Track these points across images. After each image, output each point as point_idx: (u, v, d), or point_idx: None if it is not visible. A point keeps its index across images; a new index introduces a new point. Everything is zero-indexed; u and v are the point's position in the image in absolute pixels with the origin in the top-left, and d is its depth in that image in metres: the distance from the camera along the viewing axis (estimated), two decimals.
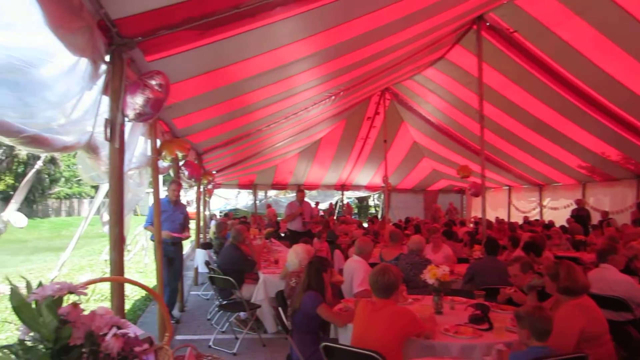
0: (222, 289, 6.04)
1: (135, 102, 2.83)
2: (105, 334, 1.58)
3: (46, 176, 30.32)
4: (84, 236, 5.41)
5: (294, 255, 5.00)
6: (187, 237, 7.20)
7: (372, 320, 3.23)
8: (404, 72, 9.92)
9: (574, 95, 8.98)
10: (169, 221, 6.27)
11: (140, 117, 2.89)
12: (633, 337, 4.24)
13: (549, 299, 3.60)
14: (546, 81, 8.82)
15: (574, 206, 13.57)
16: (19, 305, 1.49)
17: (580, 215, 12.56)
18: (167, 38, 2.89)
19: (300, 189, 11.27)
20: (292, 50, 4.87)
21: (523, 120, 10.70)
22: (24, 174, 29.41)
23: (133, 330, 1.79)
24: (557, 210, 14.90)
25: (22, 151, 28.81)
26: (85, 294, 1.64)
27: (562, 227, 10.75)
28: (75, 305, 1.56)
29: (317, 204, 19.84)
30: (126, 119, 2.88)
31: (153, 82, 2.92)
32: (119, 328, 1.66)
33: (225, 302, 6.03)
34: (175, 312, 6.93)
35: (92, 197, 33.44)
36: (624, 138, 9.81)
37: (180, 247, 6.70)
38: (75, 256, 12.32)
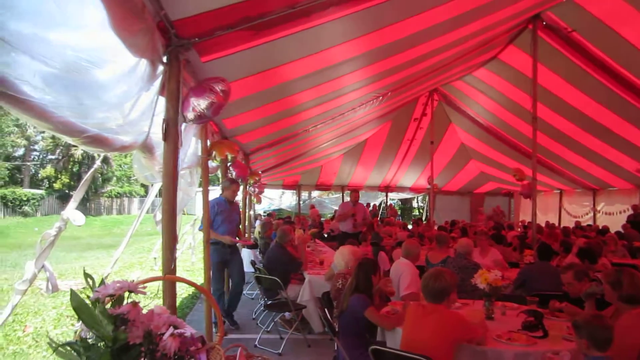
0: (268, 288, 6.07)
1: (199, 104, 2.88)
2: (163, 334, 1.59)
3: (99, 175, 31.55)
4: (133, 234, 5.57)
5: (341, 257, 4.97)
6: (251, 243, 7.14)
7: (422, 325, 3.16)
8: (454, 72, 9.70)
9: (633, 96, 8.55)
10: (227, 222, 6.13)
11: (199, 119, 2.94)
12: None
13: (608, 308, 3.41)
14: (604, 81, 8.43)
15: (630, 211, 12.91)
16: (79, 305, 1.51)
17: (636, 221, 11.91)
18: (222, 39, 2.91)
19: (355, 190, 11.11)
20: (342, 50, 4.83)
21: (577, 122, 10.27)
22: (78, 174, 30.84)
23: (188, 329, 1.80)
24: (612, 215, 14.23)
25: (78, 151, 30.23)
26: (145, 293, 1.66)
27: (617, 232, 10.23)
28: (134, 304, 1.58)
29: (369, 205, 19.68)
30: (184, 123, 2.93)
31: (218, 88, 2.97)
32: (175, 327, 1.67)
33: (270, 302, 6.06)
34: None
35: (142, 196, 34.68)
36: None
37: (237, 250, 6.52)
38: (126, 253, 12.74)
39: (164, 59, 2.72)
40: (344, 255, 4.92)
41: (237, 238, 6.30)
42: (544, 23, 7.68)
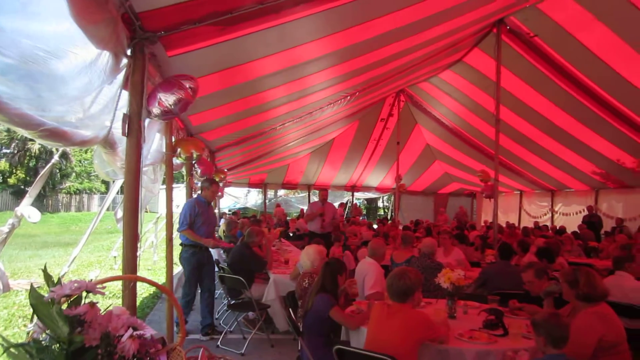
0: (232, 288, 6.00)
1: (167, 99, 2.81)
2: (121, 335, 1.54)
3: (57, 171, 30.49)
4: (93, 232, 5.39)
5: (306, 256, 4.96)
6: (231, 246, 6.93)
7: (387, 324, 3.17)
8: (421, 73, 9.85)
9: (591, 101, 8.88)
10: (207, 224, 5.90)
11: (165, 115, 2.88)
12: None
13: (565, 306, 3.52)
14: (564, 86, 8.72)
15: (586, 212, 13.43)
16: (37, 303, 1.45)
17: (592, 222, 12.40)
18: (189, 33, 2.84)
19: (324, 188, 10.75)
20: (310, 49, 4.82)
21: (538, 124, 10.61)
22: (35, 168, 29.69)
23: (148, 331, 1.74)
24: (569, 216, 14.78)
25: (35, 145, 29.11)
26: (103, 294, 1.60)
27: (574, 233, 10.62)
28: (92, 304, 1.52)
29: (341, 205, 19.67)
30: (147, 118, 2.85)
31: (187, 85, 2.91)
32: (135, 329, 1.62)
33: (234, 302, 5.99)
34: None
35: (103, 193, 33.68)
36: None
37: (211, 253, 6.33)
38: (84, 252, 12.34)
39: (128, 52, 2.64)
40: (310, 255, 4.92)
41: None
42: (508, 28, 7.88)
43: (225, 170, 10.94)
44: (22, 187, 28.89)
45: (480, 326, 3.59)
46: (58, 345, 1.45)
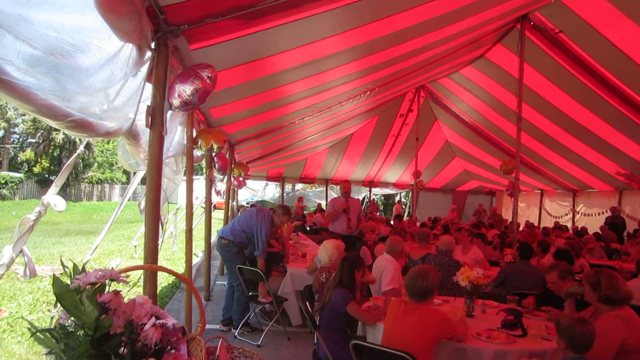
0: (249, 280, 6.05)
1: (185, 90, 2.83)
2: (144, 324, 1.57)
3: (80, 161, 31.07)
4: (114, 221, 5.50)
5: (324, 251, 4.96)
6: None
7: (404, 321, 3.17)
8: (441, 69, 9.75)
9: (617, 99, 8.67)
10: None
11: (185, 106, 2.90)
12: None
13: (587, 308, 3.46)
14: (589, 84, 8.53)
15: (608, 213, 13.17)
16: (62, 292, 1.48)
17: (614, 223, 12.15)
18: (212, 26, 2.87)
19: (346, 180, 8.56)
20: (331, 43, 4.81)
21: (561, 123, 10.40)
22: (59, 158, 30.31)
23: (170, 320, 1.78)
24: (591, 217, 14.47)
25: (59, 135, 29.70)
26: (127, 282, 1.63)
27: (595, 234, 10.42)
28: (116, 293, 1.56)
29: (372, 200, 19.30)
30: (170, 111, 2.89)
31: (204, 74, 2.92)
32: (157, 318, 1.65)
33: (252, 294, 6.04)
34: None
35: (124, 183, 34.26)
36: None
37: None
38: (105, 241, 12.57)
39: (152, 45, 2.67)
40: (328, 249, 4.92)
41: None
42: (532, 23, 7.73)
43: (245, 163, 10.97)
44: (47, 175, 29.55)
45: (498, 326, 3.55)
46: (83, 331, 1.49)
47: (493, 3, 5.80)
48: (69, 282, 1.53)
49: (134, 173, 5.68)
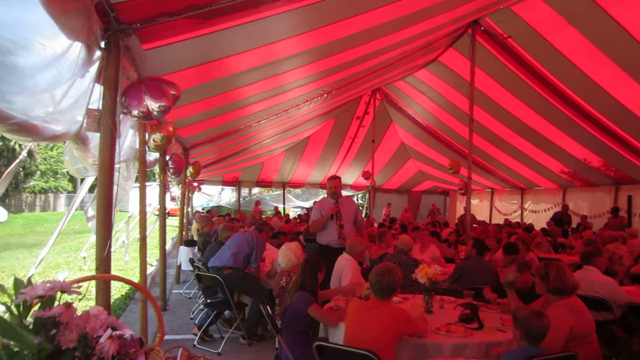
0: (208, 287, 5.91)
1: (153, 106, 2.78)
2: (100, 336, 1.48)
3: (21, 169, 29.40)
4: (60, 232, 5.23)
5: (283, 254, 4.88)
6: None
7: (366, 319, 3.18)
8: (396, 72, 9.90)
9: (561, 102, 9.07)
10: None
11: (145, 118, 2.84)
12: (617, 337, 4.32)
13: (538, 299, 3.59)
14: (535, 87, 8.89)
15: (554, 210, 13.81)
16: None
17: (559, 219, 12.73)
18: (166, 26, 2.76)
19: (335, 176, 6.43)
20: (288, 45, 4.78)
21: (510, 124, 10.80)
22: None
23: (127, 331, 1.69)
24: (537, 213, 15.14)
25: None
26: (80, 293, 1.53)
27: (542, 229, 10.87)
28: (68, 305, 1.46)
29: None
30: (122, 114, 2.78)
31: (172, 91, 2.87)
32: (113, 329, 1.56)
33: (210, 301, 5.90)
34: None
35: (70, 192, 32.58)
36: (607, 145, 9.98)
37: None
38: (51, 253, 11.96)
39: (102, 44, 2.55)
40: (287, 253, 4.85)
41: None
42: (482, 29, 7.98)
43: (198, 161, 10.71)
44: None
45: (456, 320, 3.64)
46: (29, 350, 1.38)
47: (446, 8, 5.93)
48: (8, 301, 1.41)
49: (81, 181, 5.43)
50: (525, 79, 8.76)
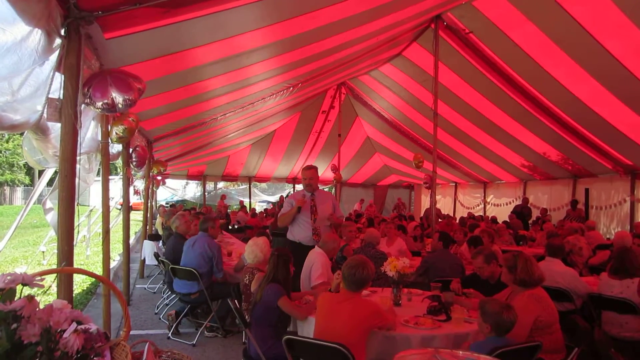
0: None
1: (118, 99, 2.78)
2: (64, 330, 1.44)
3: None
4: (17, 226, 5.06)
5: (250, 249, 4.81)
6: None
7: (336, 313, 3.19)
8: (361, 67, 9.96)
9: (521, 97, 9.33)
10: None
11: (108, 110, 2.79)
12: (579, 326, 4.50)
13: (503, 290, 3.70)
14: (496, 82, 9.11)
15: (515, 203, 14.23)
16: None
17: (520, 212, 13.13)
18: (129, 14, 2.69)
19: (310, 166, 5.93)
20: (253, 37, 4.74)
21: (473, 119, 11.03)
22: None
23: (93, 325, 1.65)
24: (499, 206, 15.55)
25: None
26: (42, 286, 1.49)
27: (505, 222, 11.19)
28: (30, 298, 1.41)
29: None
30: (84, 104, 2.70)
31: (137, 86, 2.83)
32: (78, 323, 1.52)
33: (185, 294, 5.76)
34: None
35: (27, 185, 31.51)
36: (564, 139, 10.32)
37: None
38: (7, 248, 11.53)
39: (62, 32, 2.47)
40: (254, 249, 4.77)
41: None
42: (445, 24, 8.11)
43: (164, 160, 10.55)
44: None
45: (424, 312, 3.69)
46: None
47: (408, 3, 6.01)
48: None
49: (39, 174, 5.25)
50: (486, 74, 8.96)
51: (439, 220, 11.68)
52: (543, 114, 9.61)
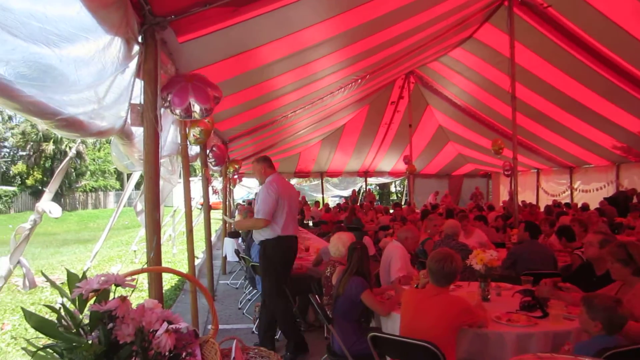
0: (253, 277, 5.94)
1: (196, 107, 2.90)
2: (156, 330, 1.46)
3: (72, 170, 30.97)
4: (111, 228, 5.40)
5: (337, 244, 4.74)
6: None
7: (423, 309, 3.03)
8: (430, 53, 9.66)
9: (610, 72, 8.60)
10: None
11: (186, 117, 2.97)
12: None
13: (608, 285, 3.34)
14: (581, 58, 8.46)
15: (607, 188, 13.13)
16: (39, 324, 1.36)
17: (613, 198, 12.07)
18: (199, 16, 2.74)
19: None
20: (318, 31, 4.72)
21: (554, 99, 10.35)
22: (51, 169, 30.12)
23: (183, 324, 1.67)
24: (589, 192, 14.42)
25: (49, 146, 29.52)
26: (134, 286, 1.52)
27: (597, 209, 10.37)
28: (123, 299, 1.44)
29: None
30: (163, 108, 2.81)
31: (215, 95, 3.01)
32: (169, 323, 1.54)
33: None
34: None
35: (118, 190, 34.19)
36: None
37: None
38: (104, 247, 12.44)
39: (139, 39, 2.55)
40: (342, 242, 4.70)
41: None
42: (520, 0, 7.64)
43: (239, 159, 10.84)
44: (40, 187, 29.44)
45: (516, 308, 3.41)
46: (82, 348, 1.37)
47: None
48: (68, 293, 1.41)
49: (128, 179, 5.55)
50: (569, 50, 8.34)
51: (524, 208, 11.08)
52: (636, 87, 8.79)
